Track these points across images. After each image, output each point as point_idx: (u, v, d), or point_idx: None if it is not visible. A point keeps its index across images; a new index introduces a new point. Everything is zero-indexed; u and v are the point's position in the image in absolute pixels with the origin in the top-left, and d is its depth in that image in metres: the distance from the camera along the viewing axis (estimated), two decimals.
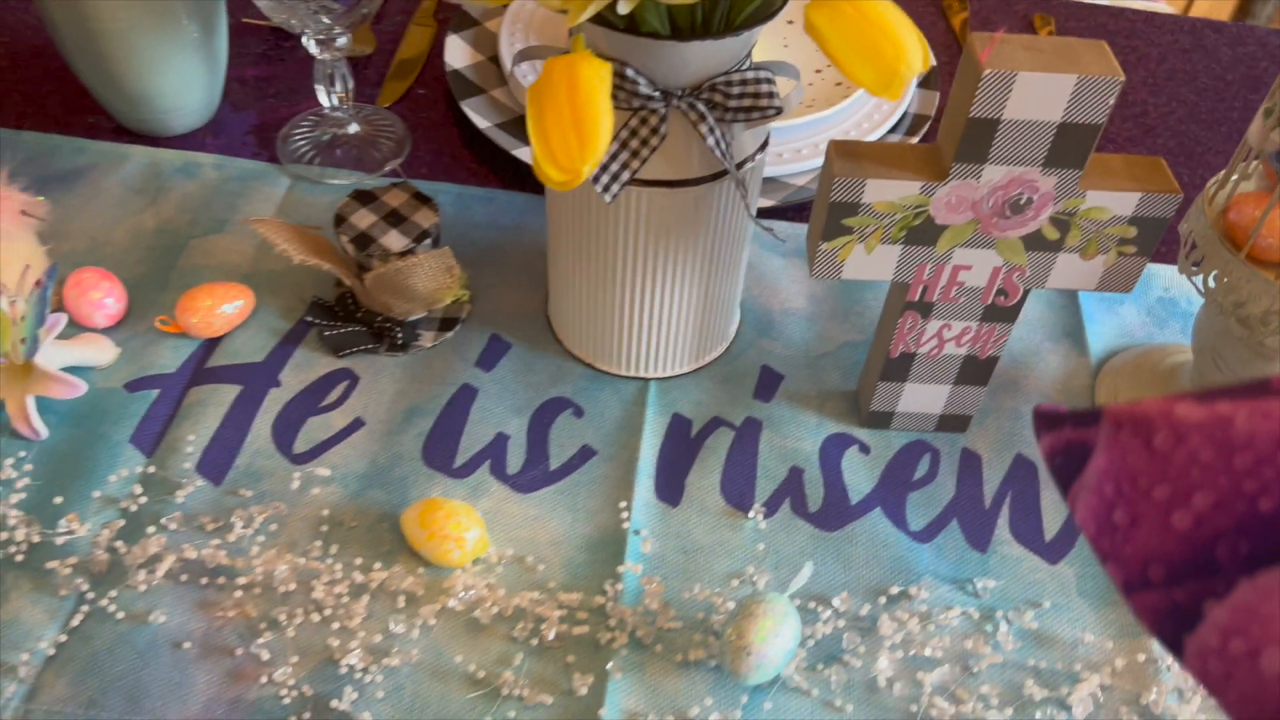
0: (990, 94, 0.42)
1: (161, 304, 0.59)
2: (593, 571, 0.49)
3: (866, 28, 0.37)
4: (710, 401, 0.57)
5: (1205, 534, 0.23)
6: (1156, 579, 0.24)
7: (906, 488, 0.54)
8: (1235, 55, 0.87)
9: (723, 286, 0.55)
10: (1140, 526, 0.24)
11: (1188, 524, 0.23)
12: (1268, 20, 2.16)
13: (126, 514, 0.49)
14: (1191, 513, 0.23)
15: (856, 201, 0.46)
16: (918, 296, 0.50)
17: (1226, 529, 0.22)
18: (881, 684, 0.46)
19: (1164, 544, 0.23)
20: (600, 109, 0.38)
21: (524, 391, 0.57)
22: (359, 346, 0.57)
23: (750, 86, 0.45)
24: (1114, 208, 0.46)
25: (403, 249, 0.54)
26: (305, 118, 0.71)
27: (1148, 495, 0.23)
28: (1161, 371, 0.58)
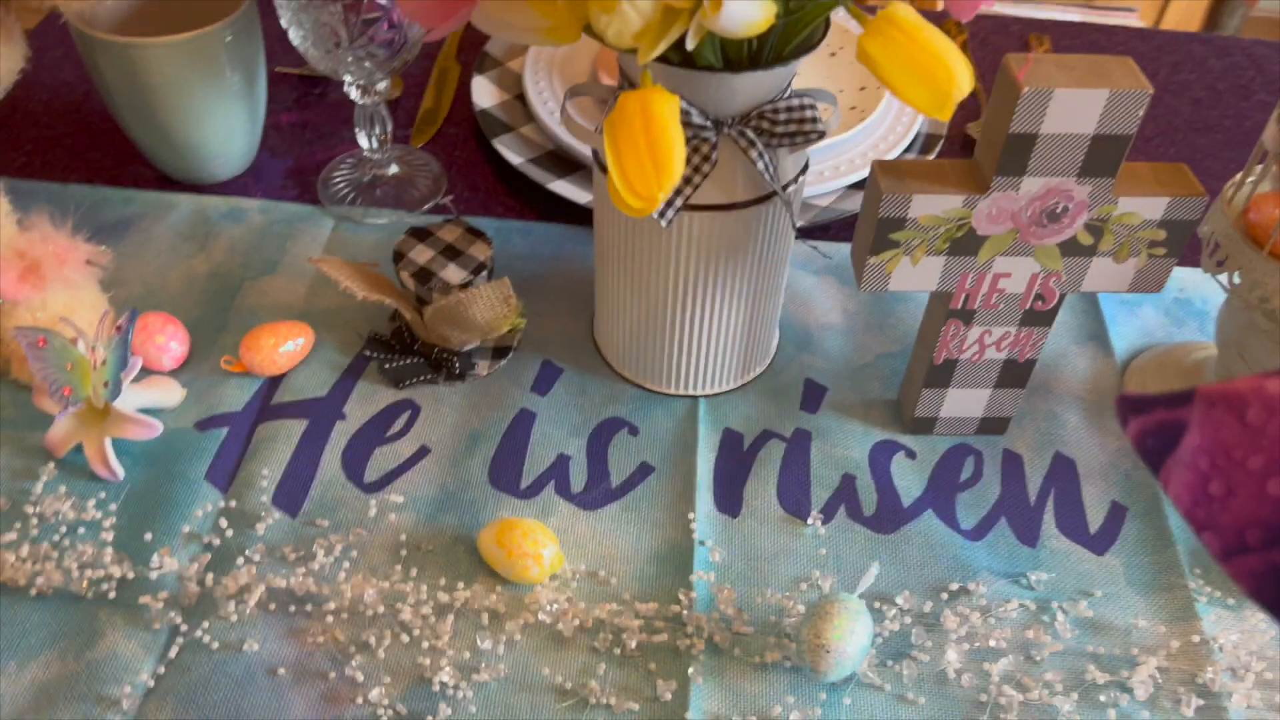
0: (1028, 111, 0.44)
1: (222, 345, 0.61)
2: (663, 582, 0.51)
3: (919, 54, 0.40)
4: (759, 415, 0.59)
5: None
6: (1254, 543, 0.26)
7: (955, 489, 0.56)
8: (1224, 66, 0.91)
9: (767, 305, 0.58)
10: (1236, 496, 0.26)
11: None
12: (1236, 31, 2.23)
13: (211, 548, 0.51)
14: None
15: (903, 216, 0.48)
16: (960, 305, 0.52)
17: None
18: (951, 676, 0.48)
19: (1260, 509, 0.26)
20: (673, 137, 0.40)
21: (579, 414, 0.59)
22: (418, 377, 0.59)
23: (796, 113, 0.48)
24: (1144, 212, 0.48)
25: (462, 281, 0.56)
26: (343, 160, 0.73)
27: (1243, 466, 0.26)
28: (1186, 367, 0.61)
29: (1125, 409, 0.30)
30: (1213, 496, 0.27)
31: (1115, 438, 0.59)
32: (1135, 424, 0.29)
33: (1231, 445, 0.26)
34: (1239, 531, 0.26)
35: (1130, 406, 0.29)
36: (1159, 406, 0.28)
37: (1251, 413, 0.25)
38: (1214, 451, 0.26)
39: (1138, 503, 0.56)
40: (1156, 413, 0.28)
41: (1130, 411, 0.29)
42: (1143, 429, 0.29)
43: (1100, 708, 0.47)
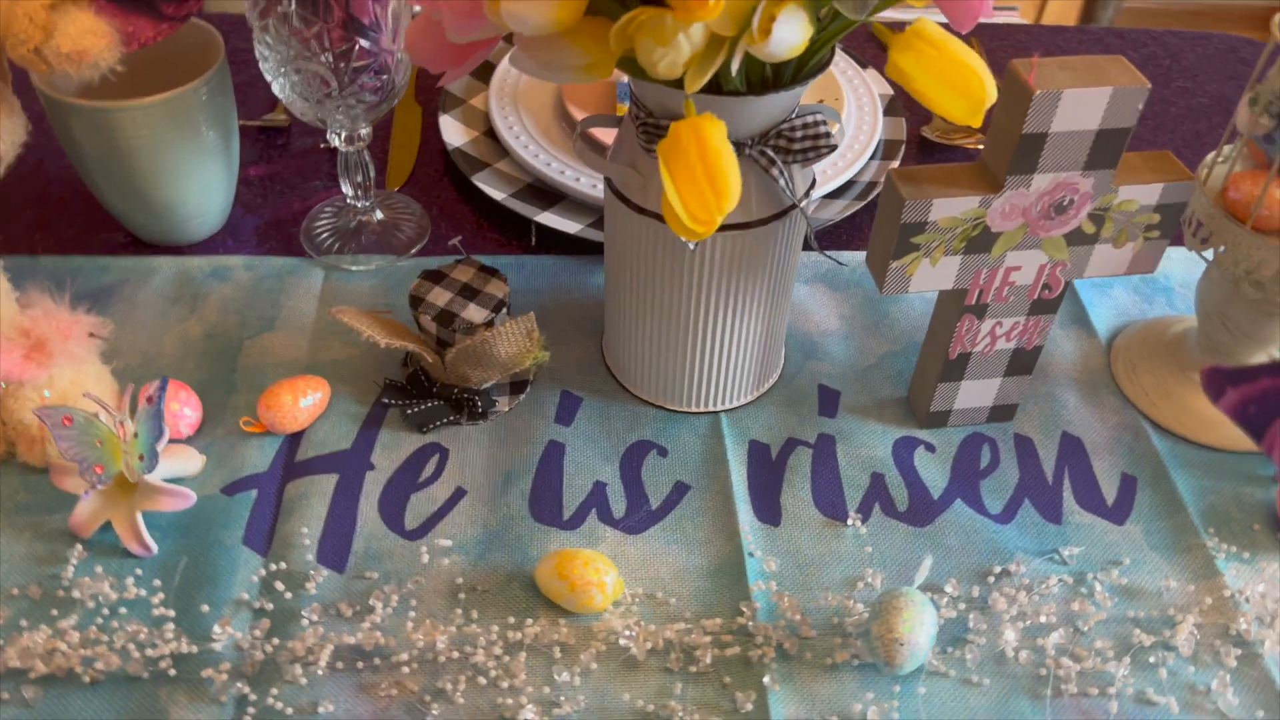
0: (1040, 111, 0.47)
1: (234, 406, 0.59)
2: (722, 596, 0.52)
3: (950, 65, 0.42)
4: (781, 425, 0.61)
5: None
6: None
7: (977, 477, 0.59)
8: (1140, 57, 0.96)
9: (779, 317, 0.59)
10: None
11: None
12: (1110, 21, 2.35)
13: (265, 613, 0.50)
14: None
15: (923, 220, 0.50)
16: (974, 300, 0.55)
17: None
18: (1009, 655, 0.50)
19: None
20: (728, 161, 0.42)
21: (607, 440, 0.59)
22: (441, 420, 0.59)
23: (811, 129, 0.50)
24: (1141, 199, 0.52)
25: (485, 320, 0.56)
26: (323, 209, 0.72)
27: None
28: (1168, 340, 0.65)
29: (1218, 381, 0.32)
30: None
31: (1113, 413, 0.62)
32: (1234, 394, 0.31)
33: None
34: None
35: (1225, 378, 0.31)
36: (1263, 376, 0.30)
37: None
38: None
39: (1145, 472, 0.59)
40: (1262, 381, 0.30)
41: (1226, 383, 0.31)
42: (1244, 398, 0.31)
43: (1151, 669, 0.50)
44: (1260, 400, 0.30)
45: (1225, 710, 0.49)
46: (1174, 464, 0.60)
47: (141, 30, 0.56)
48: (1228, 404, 0.31)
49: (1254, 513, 0.57)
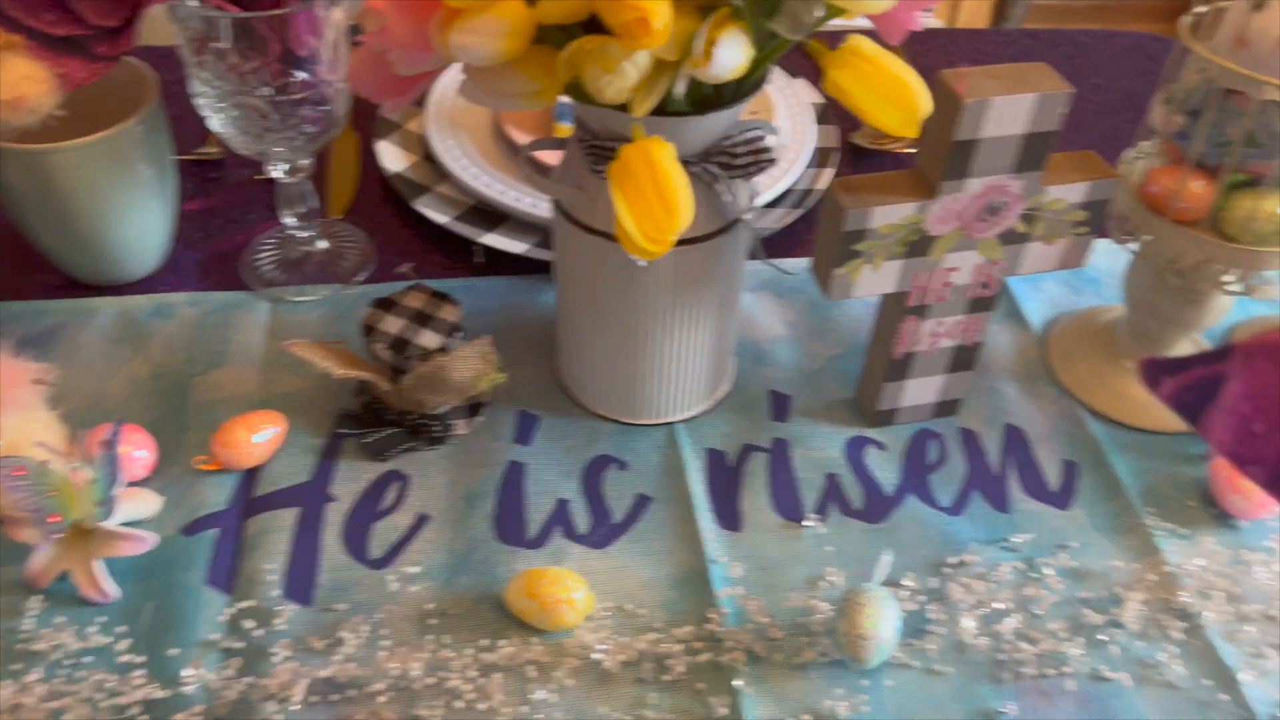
0: (970, 119, 0.49)
1: (188, 445, 0.59)
2: (690, 605, 0.53)
3: (885, 80, 0.44)
4: (736, 432, 0.62)
5: None
6: None
7: (926, 472, 0.61)
8: (1055, 56, 1.00)
9: (728, 326, 0.61)
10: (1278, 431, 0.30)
11: None
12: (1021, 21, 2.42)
13: (235, 652, 0.50)
14: None
15: (864, 228, 0.52)
16: (916, 302, 0.57)
17: None
18: (969, 642, 0.52)
19: None
20: (679, 182, 0.43)
21: (566, 457, 0.60)
22: (400, 447, 0.59)
23: (752, 144, 0.51)
24: (1069, 197, 0.54)
25: (439, 345, 0.57)
26: (265, 241, 0.72)
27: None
28: (1099, 329, 0.67)
29: (1156, 371, 0.34)
30: (1256, 434, 0.31)
31: (1051, 403, 0.65)
32: (1170, 383, 0.33)
33: (1271, 388, 0.30)
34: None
35: (1162, 368, 0.33)
36: (1196, 365, 0.32)
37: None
38: (1255, 396, 0.31)
39: (1085, 458, 0.62)
40: (1195, 370, 0.32)
41: (1162, 373, 0.33)
42: (1180, 386, 0.33)
43: (1102, 646, 0.52)
44: (1195, 388, 0.32)
45: (1174, 681, 0.51)
46: (1112, 448, 0.62)
47: (75, 72, 0.55)
48: (1164, 392, 0.33)
49: (1188, 490, 0.60)
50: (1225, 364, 0.31)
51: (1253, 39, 0.51)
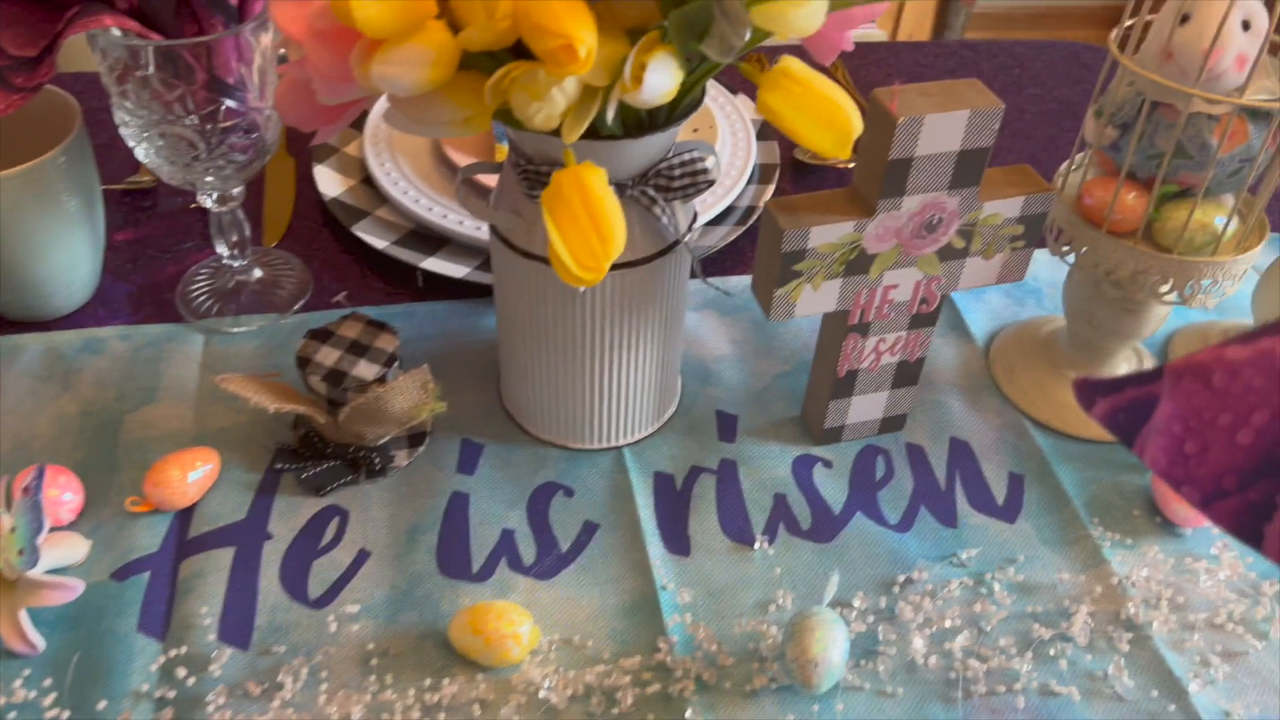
0: (904, 137, 0.49)
1: (119, 485, 0.57)
2: (639, 634, 0.52)
3: (817, 102, 0.43)
4: (683, 454, 0.61)
5: (1266, 443, 0.29)
6: (1230, 487, 0.30)
7: (874, 489, 0.60)
8: (993, 67, 1.01)
9: (672, 348, 0.60)
10: (1210, 451, 0.30)
11: (1250, 439, 0.30)
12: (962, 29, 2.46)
13: (167, 702, 0.48)
14: (1252, 429, 0.29)
15: (803, 248, 0.52)
16: (857, 320, 0.56)
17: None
18: (920, 662, 0.52)
19: (1233, 458, 0.30)
20: (612, 207, 0.42)
21: (511, 485, 0.59)
22: (338, 481, 0.58)
23: (689, 166, 0.51)
24: (1005, 212, 0.54)
25: (376, 376, 0.56)
26: (199, 271, 0.70)
27: (1213, 424, 0.30)
28: (1041, 339, 0.68)
29: (1089, 392, 0.34)
30: (1188, 455, 0.31)
31: (996, 415, 0.65)
32: (1104, 404, 0.33)
33: (1201, 408, 0.30)
34: (1216, 480, 0.31)
35: (1095, 389, 0.33)
36: (1129, 386, 0.32)
37: (1216, 378, 0.30)
38: (1186, 416, 0.31)
39: (1030, 470, 0.62)
40: (1128, 391, 0.32)
41: (1096, 394, 0.33)
42: (1114, 407, 0.33)
43: (1052, 661, 0.52)
44: (1129, 409, 0.32)
45: (1123, 693, 0.51)
46: (1056, 459, 0.62)
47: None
48: (1099, 413, 0.33)
49: (1132, 499, 0.60)
50: (1156, 385, 0.31)
51: (1178, 52, 0.51)
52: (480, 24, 0.38)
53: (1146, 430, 0.32)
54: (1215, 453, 0.30)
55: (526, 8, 0.38)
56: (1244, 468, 0.30)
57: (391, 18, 0.37)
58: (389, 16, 0.37)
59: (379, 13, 0.36)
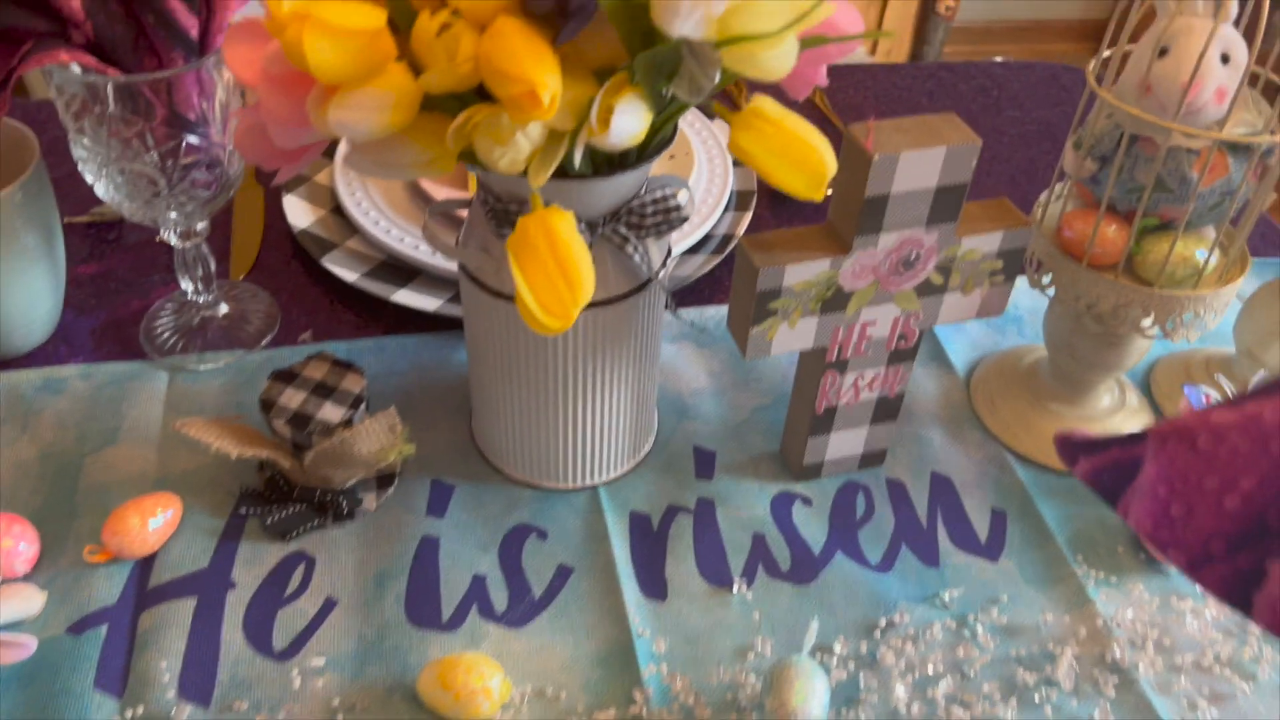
0: (880, 175, 0.48)
1: (77, 533, 0.55)
2: (613, 685, 0.51)
3: (789, 142, 0.42)
4: (659, 493, 0.60)
5: (1255, 508, 0.28)
6: (1218, 553, 0.29)
7: (854, 527, 0.59)
8: (970, 89, 1.00)
9: (648, 384, 0.59)
10: (1196, 514, 0.29)
11: (1237, 504, 0.28)
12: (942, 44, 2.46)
13: None
14: (1239, 494, 0.28)
15: (778, 286, 0.51)
16: (835, 356, 0.55)
17: (1272, 500, 0.28)
18: (903, 711, 0.50)
19: (1220, 523, 0.29)
20: (579, 253, 0.41)
21: (483, 528, 0.58)
22: (305, 526, 0.56)
23: (661, 204, 0.50)
24: (983, 247, 0.53)
25: (342, 419, 0.54)
26: (163, 307, 0.69)
27: (1199, 488, 0.29)
28: (1022, 371, 0.67)
29: (1072, 450, 0.32)
30: (1174, 518, 0.30)
31: (977, 448, 0.64)
32: (1087, 463, 0.32)
33: (1187, 471, 0.29)
34: (1203, 544, 0.30)
35: (1078, 448, 0.32)
36: (1113, 447, 0.31)
37: (1201, 441, 0.29)
38: (1171, 479, 0.29)
39: (1012, 506, 0.61)
40: (1111, 452, 0.31)
41: (1079, 452, 0.32)
42: (1097, 467, 0.32)
43: (1036, 707, 0.51)
44: (1112, 469, 0.31)
45: None
46: (1039, 494, 0.61)
47: None
48: (1081, 471, 0.32)
49: (1116, 535, 0.59)
50: (1140, 447, 0.30)
51: (1157, 85, 0.50)
52: (441, 67, 0.37)
53: (1131, 491, 0.31)
54: (1202, 517, 0.29)
55: (488, 51, 0.36)
56: (1232, 533, 0.29)
57: (348, 62, 0.35)
58: (345, 61, 0.35)
59: (334, 58, 0.35)
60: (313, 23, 0.34)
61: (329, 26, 0.34)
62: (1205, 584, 0.30)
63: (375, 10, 0.36)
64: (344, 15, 0.34)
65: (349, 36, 0.35)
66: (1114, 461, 0.31)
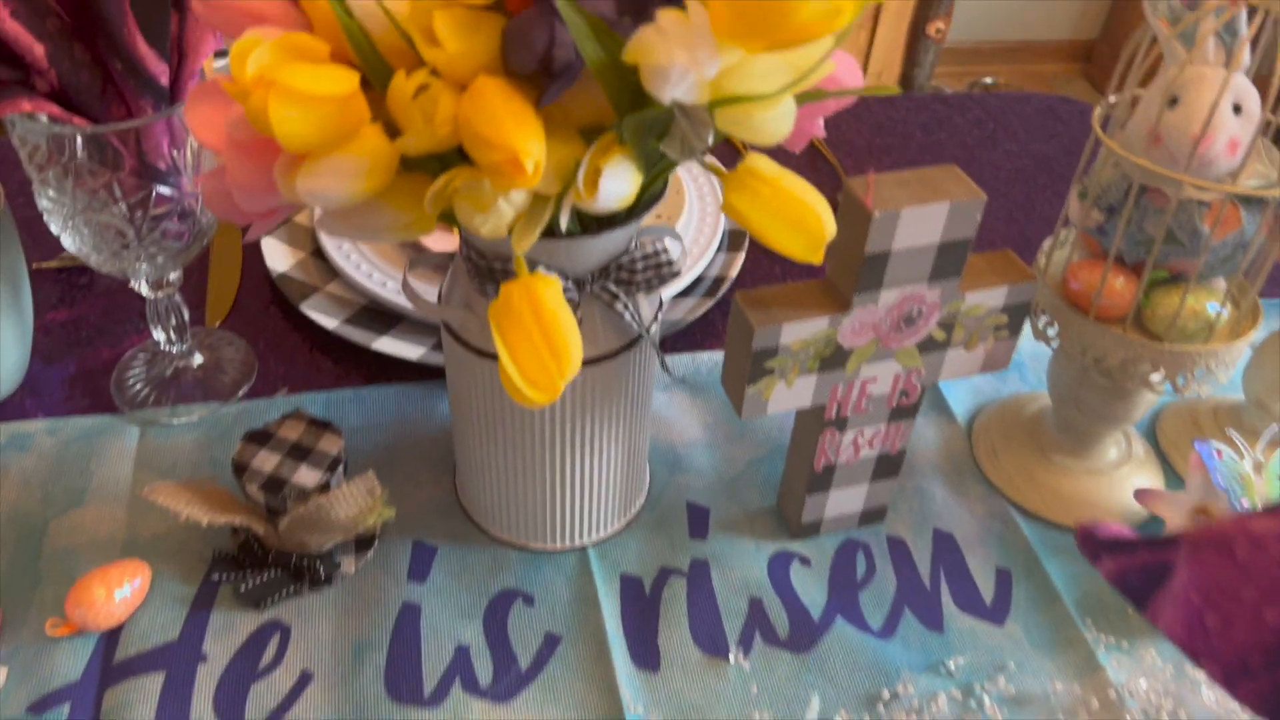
0: (880, 232, 0.46)
1: (40, 603, 0.53)
2: None
3: (787, 204, 0.40)
4: (651, 553, 0.58)
5: None
6: (1257, 666, 0.27)
7: (855, 589, 0.57)
8: (966, 121, 0.99)
9: (640, 439, 0.56)
10: (1234, 626, 0.27)
11: (1278, 617, 0.26)
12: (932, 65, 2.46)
13: None
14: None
15: (775, 345, 0.48)
16: (834, 414, 0.53)
17: None
18: None
19: (1260, 636, 0.27)
20: (566, 323, 0.39)
21: (467, 594, 0.55)
22: (280, 593, 0.54)
23: (652, 259, 0.48)
24: (988, 302, 0.51)
25: (318, 484, 0.52)
26: (135, 356, 0.66)
27: (1237, 599, 0.27)
28: (1026, 420, 0.65)
29: (1095, 546, 0.30)
30: (1209, 629, 0.28)
31: (980, 502, 0.62)
32: (1113, 562, 0.30)
33: (1223, 581, 0.27)
34: (1241, 658, 0.27)
35: (1104, 546, 0.30)
36: (1141, 549, 0.29)
37: (1240, 551, 0.26)
38: (1206, 588, 0.27)
39: (1018, 564, 0.59)
40: (1140, 554, 0.29)
41: (1103, 550, 0.30)
42: (1124, 568, 0.29)
43: None
44: (1140, 572, 0.29)
45: None
46: (1044, 551, 0.59)
47: None
48: (1106, 570, 0.30)
49: None
50: (1172, 551, 0.28)
51: (1167, 136, 0.48)
52: (418, 130, 0.35)
53: (1161, 597, 0.29)
54: (1239, 628, 0.27)
55: (468, 114, 0.34)
56: (1273, 646, 0.27)
57: (318, 130, 0.33)
58: (315, 129, 0.33)
59: (303, 126, 0.33)
60: (279, 89, 0.31)
61: (297, 93, 0.32)
62: (1242, 699, 0.28)
63: (346, 73, 0.33)
64: (313, 81, 0.32)
65: (319, 103, 0.32)
66: (1142, 564, 0.29)
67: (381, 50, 0.36)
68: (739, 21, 0.32)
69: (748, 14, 0.32)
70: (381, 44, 0.36)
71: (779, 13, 0.31)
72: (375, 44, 0.36)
